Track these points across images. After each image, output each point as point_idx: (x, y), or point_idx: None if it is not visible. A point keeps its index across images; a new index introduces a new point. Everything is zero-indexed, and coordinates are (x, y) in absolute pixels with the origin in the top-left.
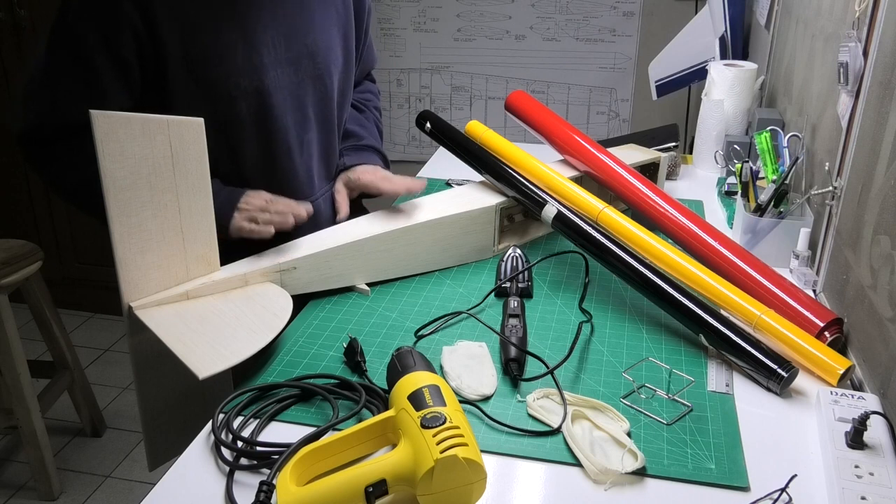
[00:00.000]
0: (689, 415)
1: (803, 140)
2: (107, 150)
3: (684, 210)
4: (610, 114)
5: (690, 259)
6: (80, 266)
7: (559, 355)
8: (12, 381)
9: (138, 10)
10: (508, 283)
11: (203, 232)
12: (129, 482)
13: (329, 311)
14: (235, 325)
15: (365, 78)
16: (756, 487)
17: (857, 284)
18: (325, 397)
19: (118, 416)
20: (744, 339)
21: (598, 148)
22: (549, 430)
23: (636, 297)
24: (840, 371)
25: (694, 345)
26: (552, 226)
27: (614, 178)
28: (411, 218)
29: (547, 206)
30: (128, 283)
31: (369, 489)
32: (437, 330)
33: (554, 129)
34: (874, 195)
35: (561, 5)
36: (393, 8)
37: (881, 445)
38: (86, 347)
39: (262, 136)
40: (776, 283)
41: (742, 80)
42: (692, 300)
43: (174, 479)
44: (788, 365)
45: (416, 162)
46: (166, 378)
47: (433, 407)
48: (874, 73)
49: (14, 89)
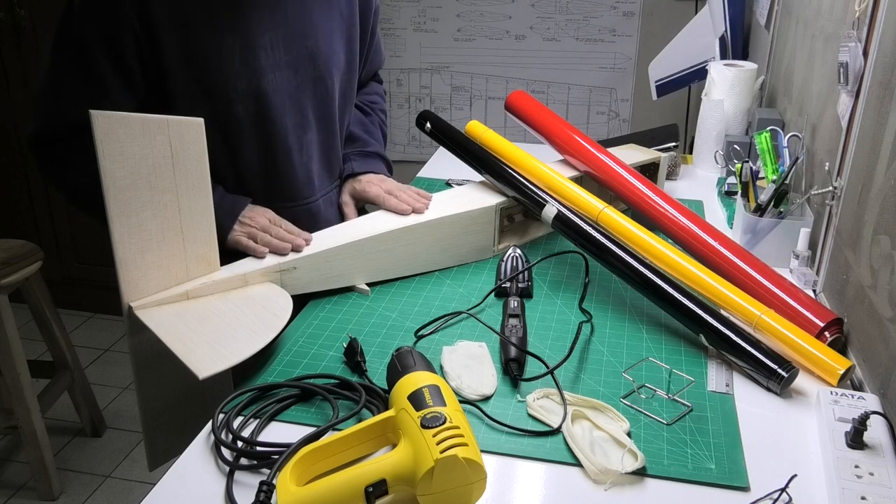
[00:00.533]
0: (689, 415)
1: (803, 140)
2: (107, 150)
3: (684, 210)
4: (610, 114)
5: (690, 259)
6: (80, 266)
7: (559, 355)
8: (12, 381)
9: (137, 13)
10: (508, 283)
11: (203, 232)
12: (129, 482)
13: (329, 311)
14: (235, 325)
15: (371, 79)
16: (756, 487)
17: (857, 284)
18: (325, 397)
19: (118, 416)
20: (744, 339)
21: (598, 148)
22: (549, 430)
23: (636, 297)
24: (840, 371)
25: (694, 345)
26: (552, 226)
27: (614, 178)
28: (411, 218)
29: (547, 207)
30: (128, 283)
31: (369, 489)
32: (437, 330)
33: (554, 129)
34: (874, 195)
35: (561, 5)
36: (393, 8)
37: (881, 445)
38: (86, 347)
39: (261, 137)
40: (776, 283)
41: (742, 80)
42: (692, 300)
43: (174, 479)
44: (788, 365)
45: (416, 162)
46: (166, 378)
47: (433, 407)
48: (874, 73)
49: (14, 89)
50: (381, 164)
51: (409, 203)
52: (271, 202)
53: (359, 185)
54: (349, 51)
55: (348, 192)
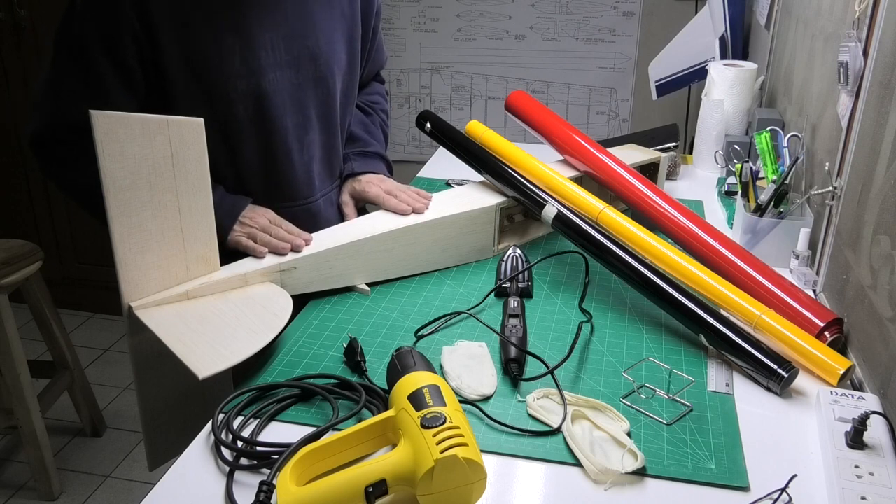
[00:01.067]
0: (689, 415)
1: (803, 140)
2: (107, 151)
3: (684, 210)
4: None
5: (690, 259)
6: (80, 266)
7: (559, 355)
8: (12, 381)
9: (137, 14)
10: (508, 283)
11: (203, 232)
12: (129, 482)
13: (329, 311)
14: (235, 325)
15: (373, 78)
16: (756, 487)
17: (857, 284)
18: (325, 397)
19: (118, 416)
20: (744, 338)
21: (598, 148)
22: (549, 430)
23: (636, 297)
24: (840, 371)
25: (694, 345)
26: (552, 226)
27: (614, 178)
28: (411, 218)
29: (547, 206)
30: (128, 283)
31: (369, 489)
32: (437, 330)
33: (554, 129)
34: (874, 195)
35: (561, 5)
36: (393, 8)
37: (881, 445)
38: (86, 347)
39: (261, 137)
40: (776, 283)
41: (742, 80)
42: (692, 300)
43: (174, 479)
44: (788, 365)
45: (416, 162)
46: (166, 378)
47: (433, 407)
48: (874, 73)
49: (14, 89)
50: (381, 164)
51: (408, 203)
52: (271, 202)
53: (358, 185)
54: (350, 50)
55: (348, 191)
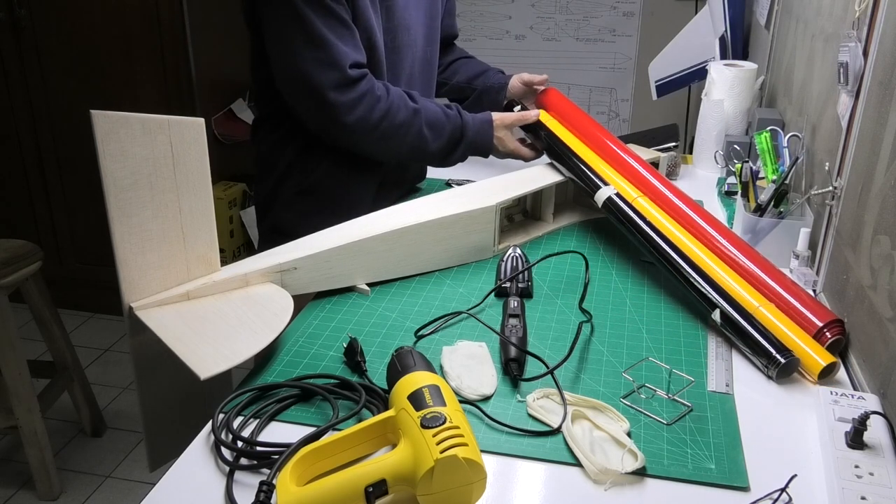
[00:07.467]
0: (689, 415)
1: (803, 140)
2: (107, 150)
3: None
4: (610, 114)
5: (703, 247)
6: (80, 266)
7: (559, 355)
8: (12, 381)
9: None
10: (508, 283)
11: (204, 232)
12: (129, 482)
13: (329, 311)
14: (236, 326)
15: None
16: (756, 487)
17: (857, 284)
18: (325, 397)
19: (118, 416)
20: (749, 322)
21: (622, 148)
22: (549, 430)
23: (636, 297)
24: (822, 364)
25: (694, 345)
26: (602, 207)
27: (637, 176)
28: (411, 218)
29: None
30: (128, 284)
31: (369, 489)
32: (437, 330)
33: (584, 129)
34: (874, 195)
35: (561, 5)
36: None
37: (881, 445)
38: (86, 347)
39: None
40: (778, 282)
41: (742, 80)
42: (708, 281)
43: (174, 479)
44: (788, 352)
45: None
46: (167, 378)
47: (433, 407)
48: (874, 73)
49: (14, 89)
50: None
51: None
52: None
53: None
54: (430, 25)
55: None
